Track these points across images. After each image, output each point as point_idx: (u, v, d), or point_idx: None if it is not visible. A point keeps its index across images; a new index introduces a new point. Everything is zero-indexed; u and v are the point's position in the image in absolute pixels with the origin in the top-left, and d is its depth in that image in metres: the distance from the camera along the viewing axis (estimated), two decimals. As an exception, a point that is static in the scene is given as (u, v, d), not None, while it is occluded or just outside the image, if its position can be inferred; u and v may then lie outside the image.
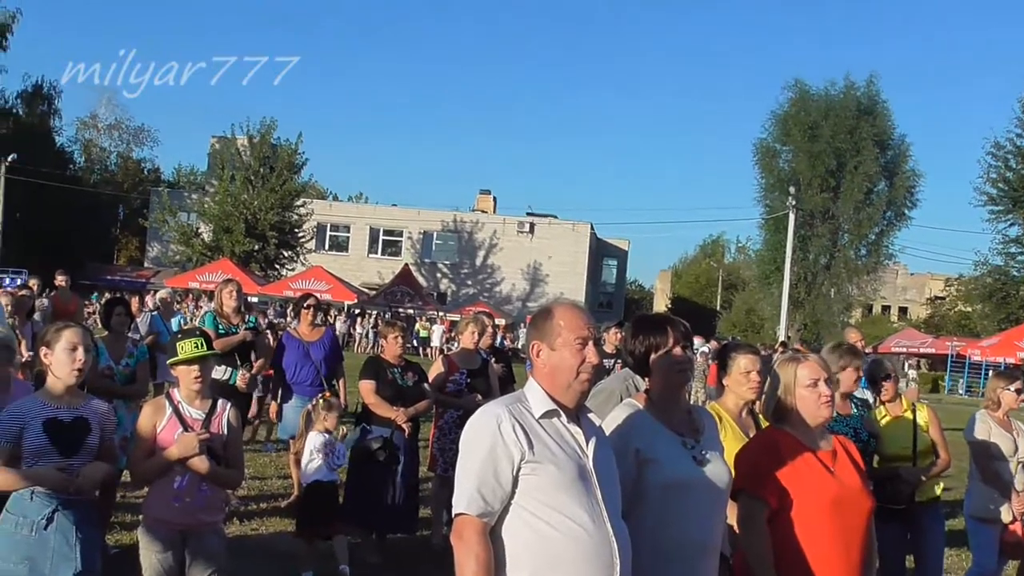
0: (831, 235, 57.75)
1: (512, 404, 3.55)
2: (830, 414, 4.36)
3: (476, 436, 3.49)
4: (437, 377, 9.22)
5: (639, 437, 3.97)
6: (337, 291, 48.53)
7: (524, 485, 3.42)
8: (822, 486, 4.19)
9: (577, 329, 3.57)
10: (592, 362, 3.57)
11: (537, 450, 3.43)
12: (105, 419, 5.18)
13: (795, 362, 4.44)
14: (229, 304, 10.33)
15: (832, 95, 58.03)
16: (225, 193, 55.58)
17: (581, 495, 3.45)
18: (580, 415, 3.64)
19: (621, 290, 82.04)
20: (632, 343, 4.18)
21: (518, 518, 3.44)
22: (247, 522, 9.34)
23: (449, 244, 68.55)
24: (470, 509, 3.40)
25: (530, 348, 3.65)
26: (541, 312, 3.72)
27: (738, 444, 4.81)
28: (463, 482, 3.45)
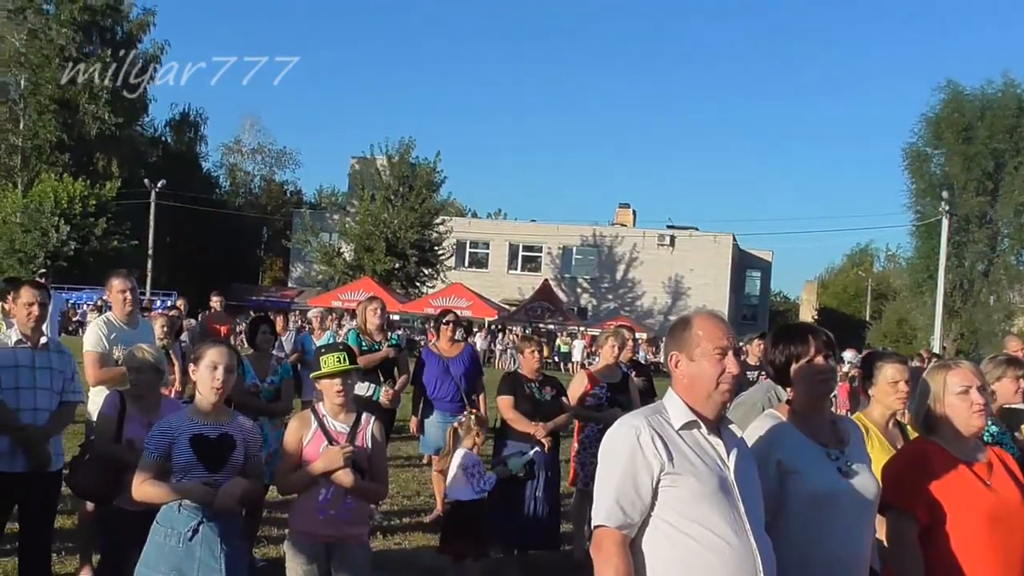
0: (989, 240, 55.88)
1: (651, 415, 3.51)
2: (983, 424, 4.20)
3: (615, 448, 3.46)
4: (578, 391, 9.20)
5: (781, 448, 3.89)
6: (477, 307, 48.88)
7: (664, 497, 3.38)
8: (977, 500, 4.03)
9: (716, 339, 3.51)
10: (732, 372, 3.50)
11: (677, 462, 3.39)
12: (250, 436, 5.28)
13: (945, 369, 4.31)
14: (373, 322, 10.47)
15: (989, 94, 56.06)
16: (366, 213, 56.55)
17: (722, 507, 3.39)
18: (721, 426, 3.58)
19: (765, 302, 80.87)
20: (773, 352, 4.10)
21: (658, 530, 3.39)
22: (390, 537, 9.43)
23: (589, 259, 68.47)
24: (609, 521, 3.37)
25: (669, 359, 3.60)
26: (679, 322, 3.67)
27: (885, 456, 4.69)
28: (602, 494, 3.43)
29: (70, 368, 6.80)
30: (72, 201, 54.33)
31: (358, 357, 8.28)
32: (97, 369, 7.64)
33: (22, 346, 6.59)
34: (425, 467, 12.79)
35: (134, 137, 65.52)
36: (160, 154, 69.83)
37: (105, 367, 7.63)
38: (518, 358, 9.50)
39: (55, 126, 58.68)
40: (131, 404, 6.32)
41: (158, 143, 71.74)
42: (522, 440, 8.47)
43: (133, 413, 6.28)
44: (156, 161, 67.16)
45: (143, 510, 5.28)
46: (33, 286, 6.86)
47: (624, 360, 9.89)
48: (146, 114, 67.89)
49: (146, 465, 5.07)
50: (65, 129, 59.05)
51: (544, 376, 9.03)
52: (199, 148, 76.07)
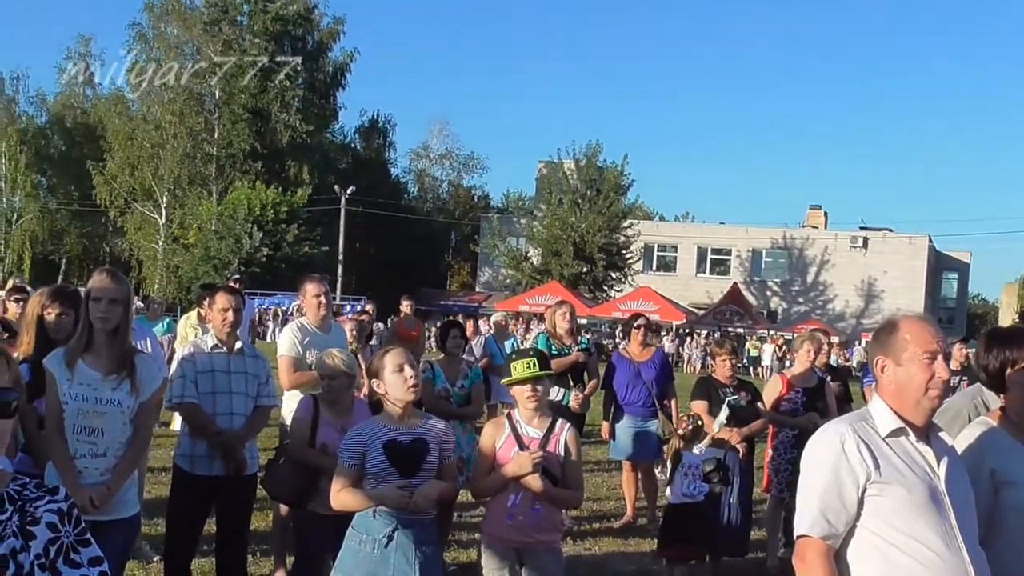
0: None
1: (856, 423, 3.40)
2: None
3: (819, 456, 3.37)
4: (773, 396, 9.03)
5: (995, 457, 3.74)
6: (665, 311, 48.58)
7: (870, 507, 3.27)
8: None
9: (925, 343, 3.37)
10: (942, 377, 3.36)
11: (884, 470, 3.27)
12: (444, 439, 5.30)
13: None
14: (563, 326, 10.47)
15: None
16: (553, 217, 56.87)
17: (933, 518, 3.26)
18: (930, 434, 3.45)
19: (963, 305, 78.20)
20: (986, 357, 3.94)
21: (865, 541, 3.29)
22: (580, 542, 9.40)
23: (779, 261, 67.45)
24: (813, 531, 3.28)
25: (874, 364, 3.48)
26: (885, 326, 3.54)
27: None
28: (806, 503, 3.34)
29: (264, 372, 6.92)
30: (264, 208, 56.05)
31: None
32: (291, 373, 7.80)
33: (218, 351, 6.69)
34: (615, 472, 12.73)
35: (324, 144, 67.40)
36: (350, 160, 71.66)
37: (299, 371, 7.78)
38: (711, 363, 9.36)
39: (248, 135, 60.74)
40: (324, 408, 6.41)
41: (348, 150, 73.63)
42: (717, 446, 8.34)
43: (326, 417, 6.36)
44: (346, 167, 69.01)
45: (337, 514, 5.36)
46: (228, 291, 6.98)
47: (820, 365, 9.66)
48: (336, 121, 69.77)
49: (342, 473, 5.13)
50: (258, 137, 61.11)
51: (739, 381, 8.89)
52: (388, 154, 77.72)
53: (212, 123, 61.58)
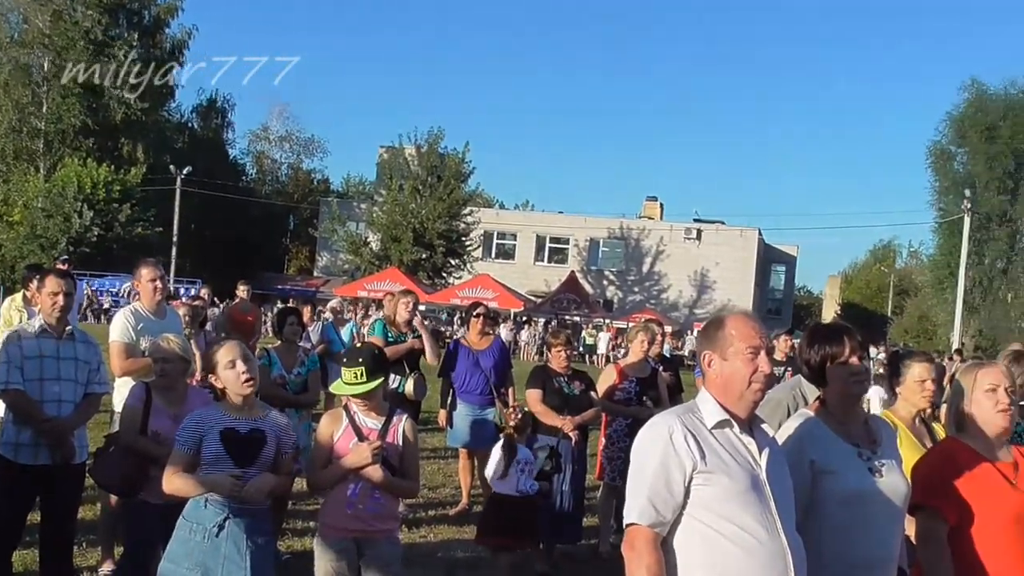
0: (1009, 238, 56.04)
1: (684, 414, 3.52)
2: (1006, 424, 4.19)
3: (648, 447, 3.47)
4: (606, 386, 9.21)
5: (815, 448, 3.91)
6: (503, 299, 48.91)
7: (696, 496, 3.39)
8: (1003, 500, 4.04)
9: (749, 339, 3.53)
10: (764, 371, 3.51)
11: (709, 460, 3.40)
12: (283, 432, 5.29)
13: (977, 367, 4.34)
14: (403, 315, 10.47)
15: (1011, 95, 56.24)
16: (393, 202, 56.66)
17: (754, 506, 3.40)
18: (753, 426, 3.60)
19: (790, 296, 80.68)
20: (808, 352, 4.11)
21: (691, 528, 3.41)
22: (415, 530, 9.44)
23: (616, 251, 68.46)
24: (642, 519, 3.38)
25: (701, 358, 3.61)
26: (712, 322, 3.68)
27: (913, 453, 4.73)
28: (635, 492, 3.44)
29: (96, 359, 6.74)
30: (96, 186, 54.30)
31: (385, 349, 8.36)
32: (123, 360, 7.54)
33: (46, 336, 6.50)
34: (451, 459, 12.82)
35: (160, 123, 65.51)
36: (187, 140, 69.86)
37: (131, 358, 7.53)
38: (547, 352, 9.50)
39: (79, 110, 58.28)
40: (157, 396, 6.23)
41: (185, 129, 71.78)
42: (549, 434, 8.47)
43: (159, 405, 6.19)
44: (182, 147, 67.21)
45: (168, 504, 5.31)
46: (59, 275, 6.77)
47: (653, 355, 9.88)
48: (173, 100, 67.92)
49: (177, 457, 5.09)
50: (90, 113, 58.69)
51: (574, 371, 9.03)
52: (226, 135, 76.16)
53: (40, 96, 59.03)
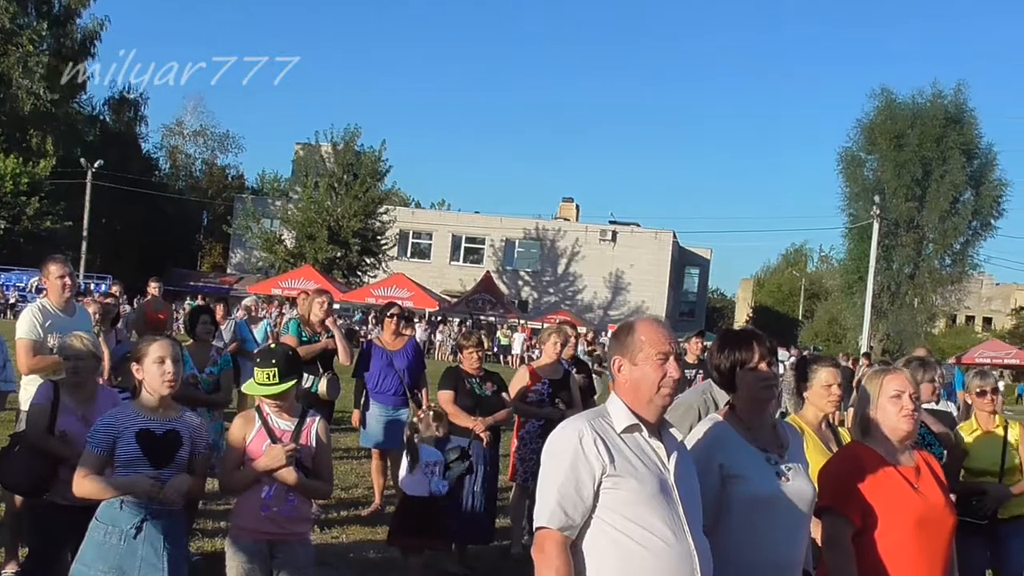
0: (916, 245, 57.14)
1: (594, 419, 3.56)
2: (910, 429, 4.28)
3: (558, 450, 3.50)
4: (519, 387, 9.24)
5: (723, 452, 3.97)
6: (419, 298, 48.81)
7: (605, 499, 3.43)
8: (906, 504, 4.14)
9: (659, 344, 3.58)
10: (673, 377, 3.56)
11: (619, 464, 3.44)
12: (198, 433, 5.23)
13: (883, 373, 4.41)
14: (317, 315, 10.42)
15: (919, 104, 57.49)
16: (309, 200, 56.26)
17: (662, 509, 3.45)
18: (662, 430, 3.65)
19: (703, 298, 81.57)
20: (718, 358, 4.17)
21: (599, 531, 3.45)
22: (328, 531, 9.39)
23: (531, 252, 68.67)
24: (552, 523, 3.41)
25: (612, 363, 3.66)
26: (623, 327, 3.73)
27: (819, 457, 4.82)
28: (545, 496, 3.47)
29: (1, 356, 6.63)
30: (3, 179, 53.04)
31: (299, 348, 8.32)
32: (30, 357, 7.34)
33: None
34: (364, 460, 12.79)
35: (71, 115, 64.09)
36: (98, 133, 68.44)
37: (39, 355, 7.35)
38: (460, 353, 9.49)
39: (-15, 100, 57.02)
40: (65, 394, 6.12)
41: (96, 122, 70.37)
42: (462, 435, 8.49)
43: (67, 404, 6.08)
44: (93, 140, 65.85)
45: (77, 505, 5.22)
46: None
47: (566, 357, 9.94)
48: (84, 91, 66.61)
49: (89, 459, 4.99)
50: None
51: (486, 372, 9.06)
52: (139, 129, 74.74)
53: (-58, 84, 57.55)
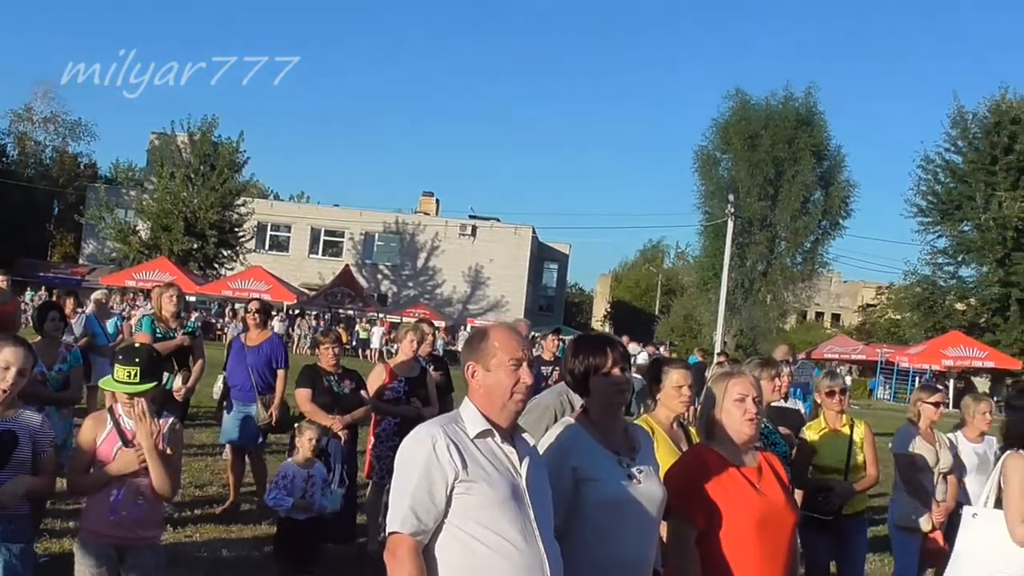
0: (768, 243, 58.55)
1: (447, 424, 3.60)
2: (753, 433, 4.42)
3: (411, 456, 3.53)
4: (376, 385, 9.26)
5: (576, 456, 4.03)
6: (277, 291, 48.27)
7: (457, 504, 3.47)
8: (748, 504, 4.25)
9: (512, 351, 3.63)
10: (526, 383, 3.62)
11: (471, 470, 3.48)
12: (39, 432, 5.10)
13: (728, 377, 4.51)
14: (169, 309, 10.30)
15: (772, 105, 58.98)
16: (164, 190, 55.10)
17: (514, 514, 3.50)
18: (514, 435, 3.70)
19: (561, 293, 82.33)
20: (572, 363, 4.24)
21: (451, 536, 3.48)
22: (180, 529, 9.26)
23: (391, 245, 68.50)
24: (404, 528, 3.44)
25: (465, 369, 3.70)
26: (476, 334, 3.78)
27: (670, 456, 4.90)
28: (397, 501, 3.50)
29: None
30: None
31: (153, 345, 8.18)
32: None
33: None
34: (219, 457, 12.66)
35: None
36: (-60, 119, 66.15)
37: None
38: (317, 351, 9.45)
39: None
40: None
41: (-64, 105, 67.85)
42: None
43: None
44: (-65, 126, 63.58)
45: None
46: None
47: (423, 354, 9.99)
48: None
49: None
50: None
51: (344, 369, 9.06)
52: (-16, 114, 72.41)
53: None
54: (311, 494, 7.48)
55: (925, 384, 9.09)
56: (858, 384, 53.81)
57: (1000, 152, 54.95)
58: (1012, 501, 5.27)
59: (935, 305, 58.10)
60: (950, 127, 58.03)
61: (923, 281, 59.04)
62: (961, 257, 58.68)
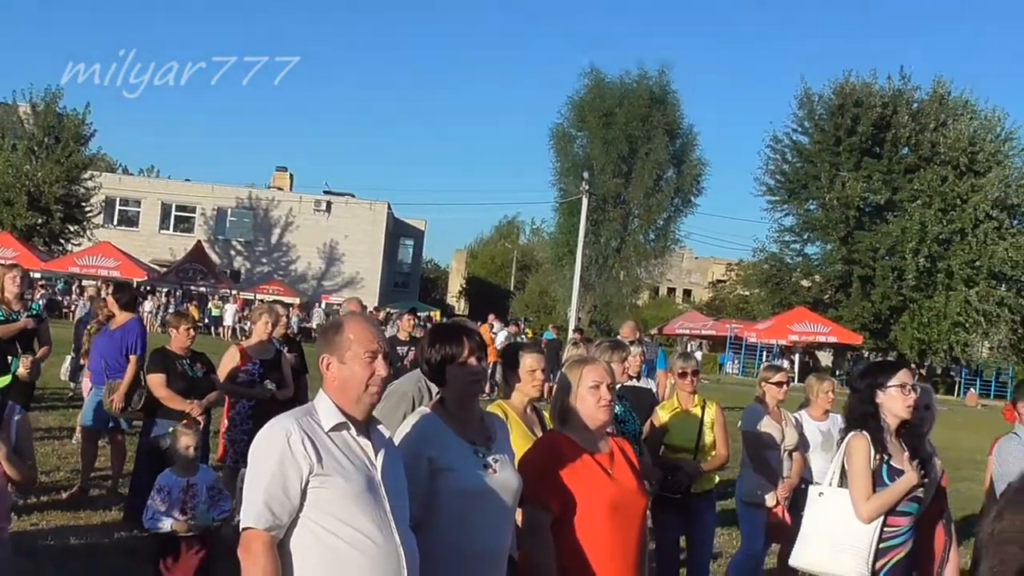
0: (622, 220, 59.35)
1: (302, 417, 3.57)
2: (607, 418, 4.49)
3: (265, 450, 3.50)
4: (229, 368, 9.16)
5: (432, 446, 4.04)
6: (126, 268, 47.24)
7: (312, 498, 3.45)
8: (601, 490, 4.31)
9: (367, 343, 3.62)
10: (381, 375, 3.62)
11: (326, 463, 3.47)
12: None
13: (582, 364, 4.56)
14: (12, 290, 10.00)
15: (627, 83, 59.67)
16: (6, 163, 53.35)
17: (370, 507, 3.50)
18: (370, 427, 3.69)
19: (417, 269, 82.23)
20: (428, 352, 4.24)
21: (307, 531, 3.47)
22: (26, 517, 8.97)
23: (244, 221, 67.49)
24: (258, 523, 3.41)
25: (320, 361, 3.68)
26: (331, 326, 3.77)
27: (524, 441, 4.94)
28: (251, 496, 3.46)
29: None
30: None
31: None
32: None
33: None
34: (67, 440, 12.38)
35: None
36: None
37: None
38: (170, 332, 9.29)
39: None
40: None
41: None
42: (171, 418, 8.35)
43: None
44: None
45: None
46: None
47: (278, 336, 9.91)
48: None
49: None
50: None
51: (193, 352, 8.94)
52: None
53: None
54: (192, 506, 6.90)
55: (770, 364, 9.39)
56: (708, 359, 55.03)
57: (844, 134, 56.73)
58: (855, 480, 5.47)
59: (782, 282, 59.87)
60: (798, 108, 59.82)
61: (771, 258, 60.80)
62: (807, 235, 60.62)
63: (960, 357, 56.41)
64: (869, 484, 5.41)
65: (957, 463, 16.11)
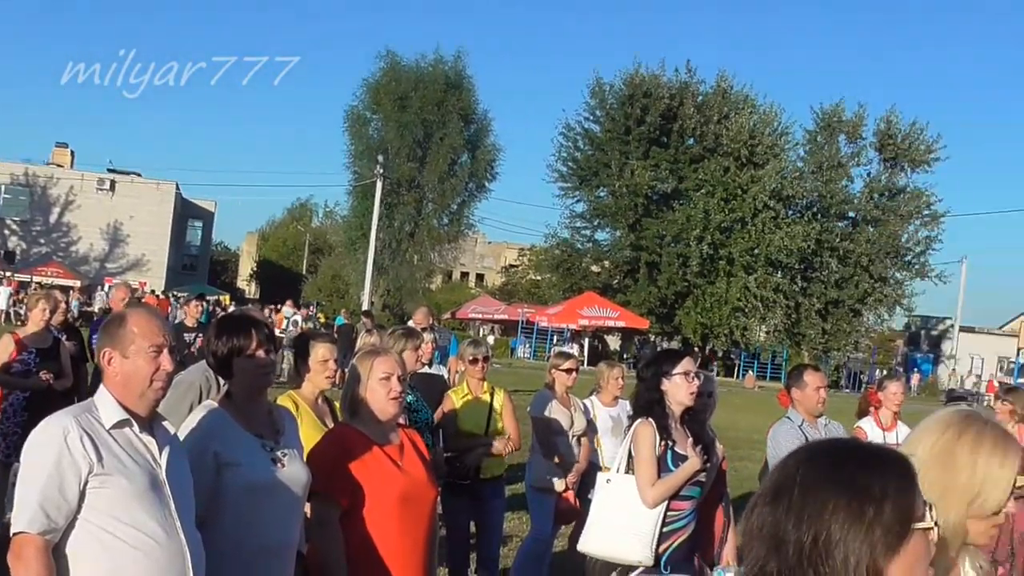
0: (416, 204, 59.48)
1: (81, 414, 3.42)
2: (397, 411, 4.50)
3: (41, 449, 3.34)
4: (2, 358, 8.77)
5: (218, 440, 3.97)
6: None
7: (92, 499, 3.31)
8: (390, 482, 4.33)
9: (152, 337, 3.50)
10: (167, 370, 3.50)
11: (107, 462, 3.33)
12: None
13: (373, 355, 4.56)
14: None
15: (422, 67, 59.74)
16: None
17: (153, 507, 3.39)
18: (154, 424, 3.58)
19: (207, 252, 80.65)
20: (215, 344, 4.17)
21: (86, 533, 3.32)
22: None
23: (20, 199, 64.89)
24: (32, 527, 3.24)
25: (101, 356, 3.54)
26: (113, 319, 3.63)
27: (315, 432, 4.92)
28: (25, 499, 3.29)
29: None
30: None
31: None
32: None
33: None
34: None
35: None
36: None
37: None
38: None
39: None
40: None
41: None
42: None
43: None
44: None
45: None
46: None
47: (56, 323, 9.53)
48: None
49: None
50: None
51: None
52: None
53: None
54: None
55: (560, 351, 9.56)
56: (500, 343, 55.62)
57: (633, 123, 57.99)
58: (641, 467, 5.61)
59: (572, 267, 60.97)
60: (590, 97, 60.91)
61: (562, 244, 61.82)
62: (597, 221, 61.85)
63: (740, 341, 58.54)
64: (654, 470, 5.56)
65: (735, 442, 16.66)
